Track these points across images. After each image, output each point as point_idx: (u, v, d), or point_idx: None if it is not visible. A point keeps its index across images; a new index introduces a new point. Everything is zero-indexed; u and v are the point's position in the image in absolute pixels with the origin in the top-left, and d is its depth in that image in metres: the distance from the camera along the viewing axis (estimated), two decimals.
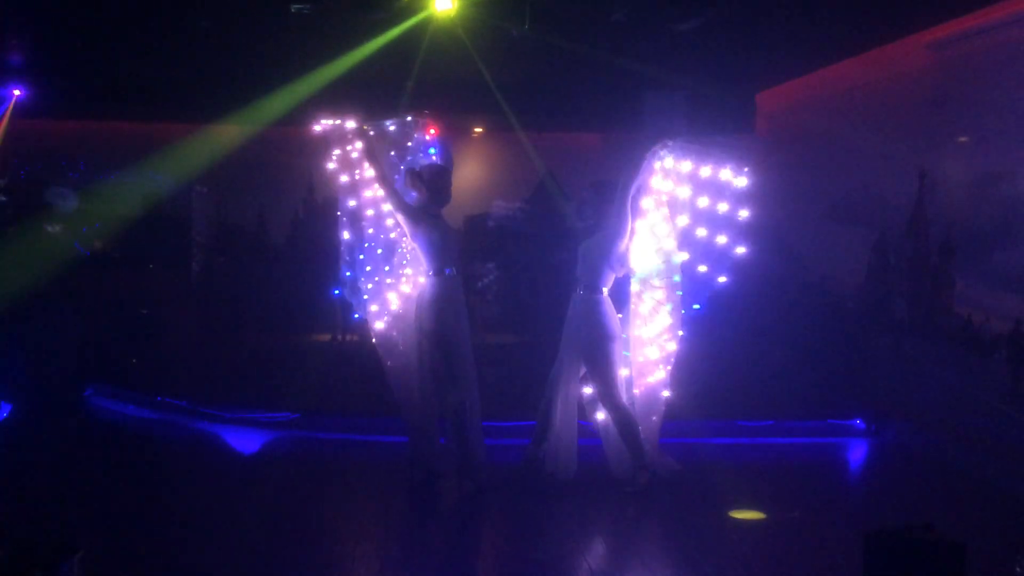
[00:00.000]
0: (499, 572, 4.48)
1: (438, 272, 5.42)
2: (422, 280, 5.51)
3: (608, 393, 5.50)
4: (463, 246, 5.88)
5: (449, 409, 5.46)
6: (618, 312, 5.60)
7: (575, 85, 10.55)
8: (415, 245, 5.49)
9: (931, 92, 7.91)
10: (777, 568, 4.46)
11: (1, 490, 5.38)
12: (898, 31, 7.93)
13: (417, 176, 5.52)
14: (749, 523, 5.10)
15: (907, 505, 5.40)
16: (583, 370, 5.56)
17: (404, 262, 5.66)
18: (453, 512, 5.29)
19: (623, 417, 5.48)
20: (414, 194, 5.52)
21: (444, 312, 5.39)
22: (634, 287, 5.61)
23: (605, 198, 5.58)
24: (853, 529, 4.33)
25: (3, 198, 10.13)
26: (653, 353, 5.60)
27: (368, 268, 5.61)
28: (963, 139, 7.78)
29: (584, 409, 5.75)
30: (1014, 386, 6.52)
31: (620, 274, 5.56)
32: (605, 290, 5.51)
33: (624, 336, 5.58)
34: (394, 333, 5.57)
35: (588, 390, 5.71)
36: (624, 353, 5.61)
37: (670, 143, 5.52)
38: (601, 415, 5.68)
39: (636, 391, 5.64)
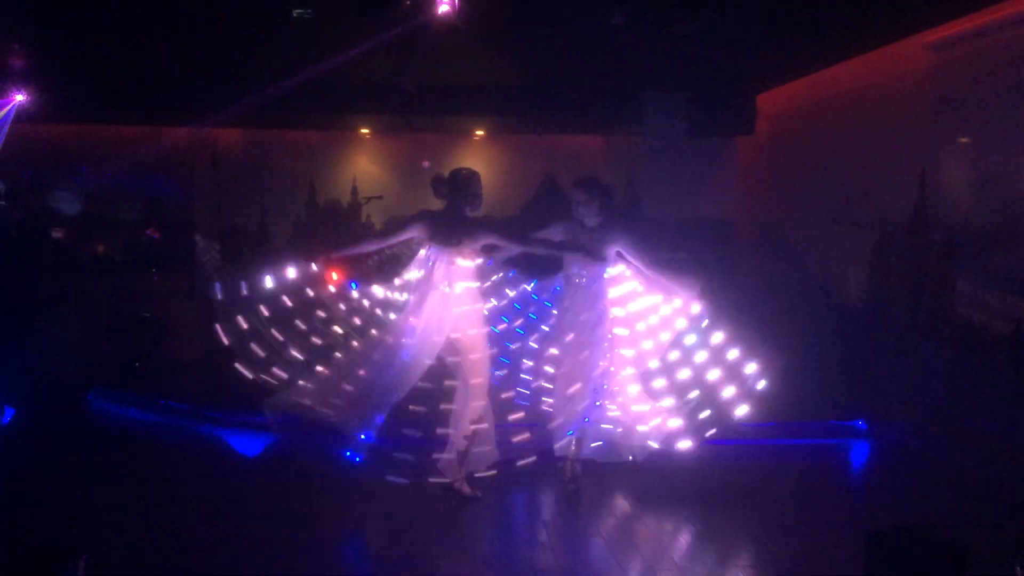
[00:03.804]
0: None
1: (435, 286, 5.27)
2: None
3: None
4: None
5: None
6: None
7: (576, 87, 10.57)
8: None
9: (931, 93, 7.91)
10: (779, 568, 4.47)
11: (4, 494, 5.39)
12: (898, 32, 7.94)
13: (447, 181, 5.40)
14: (751, 524, 5.10)
15: (909, 506, 5.41)
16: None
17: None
18: (455, 516, 5.29)
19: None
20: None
21: (438, 325, 5.23)
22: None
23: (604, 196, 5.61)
24: (855, 529, 4.33)
25: (3, 202, 10.15)
26: None
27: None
28: (964, 140, 7.78)
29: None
30: (1016, 387, 6.52)
31: None
32: None
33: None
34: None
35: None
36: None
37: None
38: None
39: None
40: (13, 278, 8.95)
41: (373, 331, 5.38)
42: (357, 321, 5.41)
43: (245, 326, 5.23)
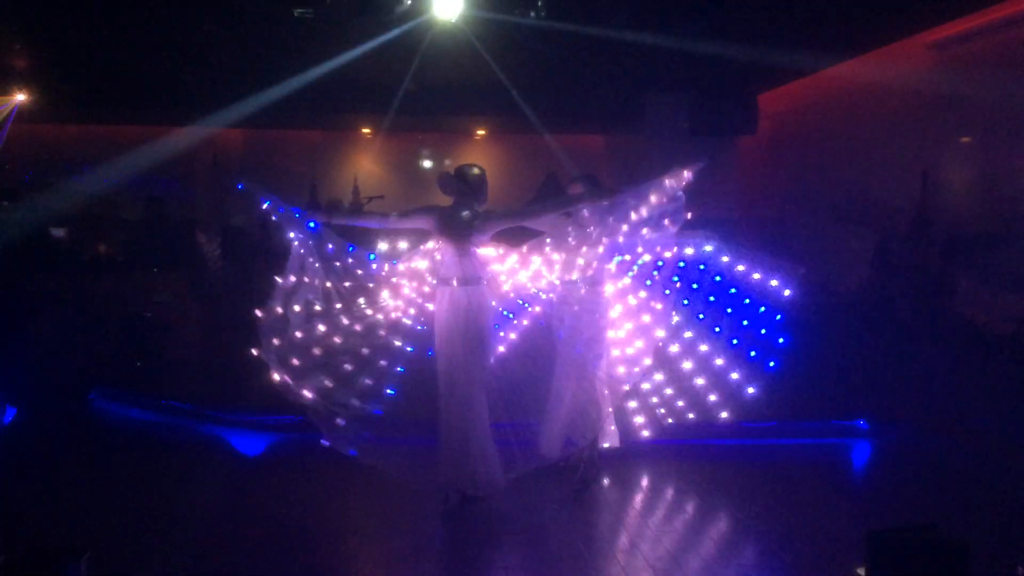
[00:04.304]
0: None
1: (444, 283, 5.27)
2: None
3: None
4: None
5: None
6: None
7: (578, 87, 10.57)
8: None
9: (933, 93, 7.92)
10: (780, 568, 4.47)
11: (7, 493, 5.40)
12: (899, 32, 7.95)
13: (454, 178, 5.35)
14: (752, 522, 5.10)
15: (910, 505, 5.41)
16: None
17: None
18: (456, 518, 5.28)
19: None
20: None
21: (450, 323, 5.19)
22: None
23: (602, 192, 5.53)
24: (856, 529, 4.33)
25: (5, 202, 10.16)
26: None
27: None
28: (965, 139, 7.78)
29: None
30: (1018, 386, 6.52)
31: None
32: None
33: None
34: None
35: None
36: None
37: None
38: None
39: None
40: (14, 278, 8.95)
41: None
42: (346, 284, 5.32)
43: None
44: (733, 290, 5.59)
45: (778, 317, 5.51)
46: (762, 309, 5.52)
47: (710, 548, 4.83)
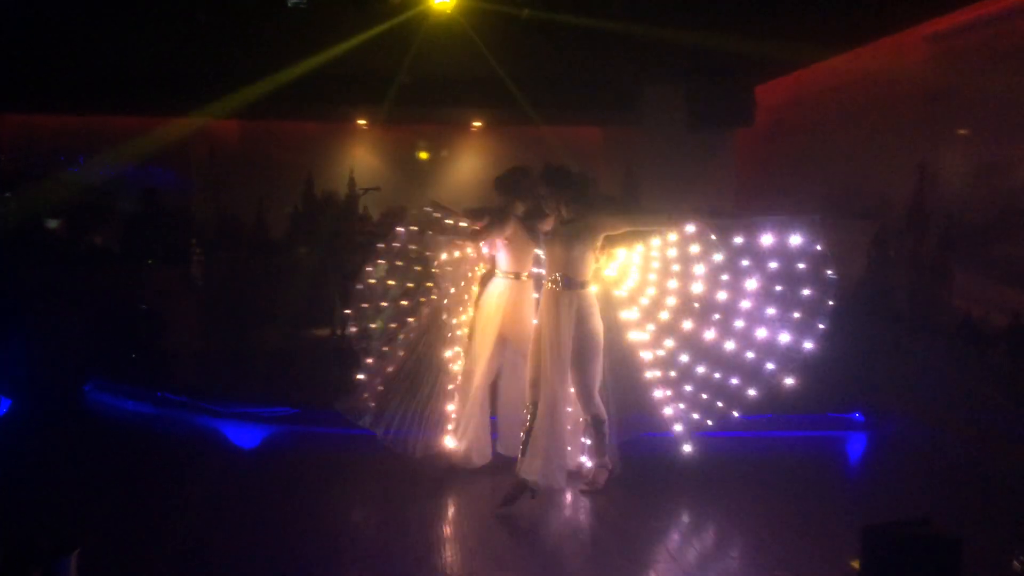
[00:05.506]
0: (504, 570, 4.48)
1: (505, 275, 5.69)
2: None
3: (591, 392, 5.37)
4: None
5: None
6: None
7: (575, 78, 10.55)
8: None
9: (930, 85, 7.90)
10: (775, 562, 4.47)
11: (0, 486, 5.39)
12: (897, 24, 7.92)
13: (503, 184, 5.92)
14: (747, 516, 5.10)
15: (905, 499, 5.40)
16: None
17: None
18: (456, 510, 5.29)
19: (599, 416, 5.42)
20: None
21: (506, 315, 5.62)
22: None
23: (575, 186, 5.51)
24: (851, 522, 4.33)
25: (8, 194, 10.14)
26: None
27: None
28: (962, 131, 7.77)
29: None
30: (1013, 379, 6.52)
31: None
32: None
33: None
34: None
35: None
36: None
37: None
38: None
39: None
40: (9, 269, 8.92)
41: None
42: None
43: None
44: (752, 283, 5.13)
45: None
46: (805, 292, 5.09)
47: (704, 541, 4.83)
